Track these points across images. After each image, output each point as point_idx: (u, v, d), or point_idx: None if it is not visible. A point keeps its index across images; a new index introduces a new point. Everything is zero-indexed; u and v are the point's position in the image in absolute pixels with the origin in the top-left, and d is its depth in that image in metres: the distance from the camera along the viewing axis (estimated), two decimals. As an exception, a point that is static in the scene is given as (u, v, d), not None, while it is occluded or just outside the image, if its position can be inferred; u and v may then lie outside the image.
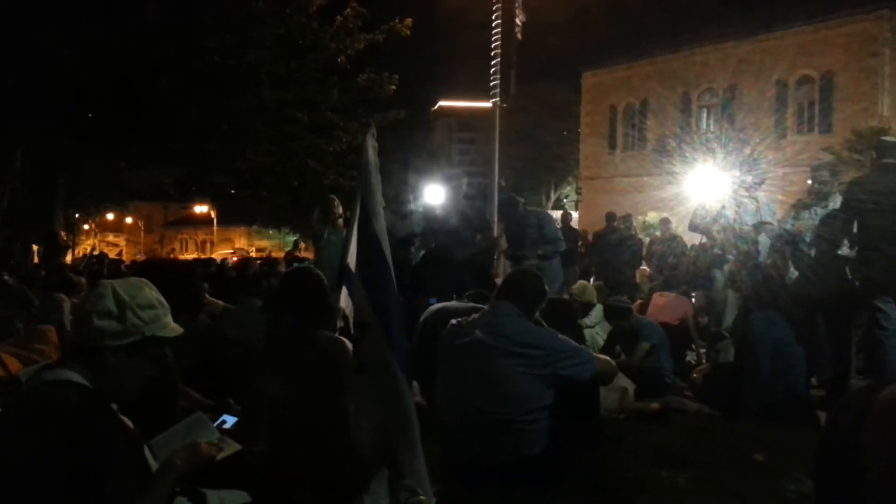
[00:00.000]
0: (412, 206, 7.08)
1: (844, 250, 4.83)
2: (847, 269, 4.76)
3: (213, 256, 29.78)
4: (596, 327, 6.04)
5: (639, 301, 7.22)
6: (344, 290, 2.98)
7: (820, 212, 5.22)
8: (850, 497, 1.34)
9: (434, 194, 17.84)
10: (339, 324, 3.09)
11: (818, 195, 5.36)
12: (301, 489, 2.50)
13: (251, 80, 12.73)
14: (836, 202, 5.12)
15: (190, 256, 36.43)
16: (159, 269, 2.61)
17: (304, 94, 13.53)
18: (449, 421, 3.12)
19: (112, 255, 30.96)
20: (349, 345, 2.76)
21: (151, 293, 1.79)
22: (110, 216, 41.90)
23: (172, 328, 1.80)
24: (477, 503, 2.92)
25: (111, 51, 11.28)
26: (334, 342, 2.80)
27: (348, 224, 2.94)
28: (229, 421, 2.73)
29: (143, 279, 1.84)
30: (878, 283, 4.61)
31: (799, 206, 5.47)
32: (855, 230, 4.67)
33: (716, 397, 4.81)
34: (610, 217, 10.25)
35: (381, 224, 2.61)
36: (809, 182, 5.41)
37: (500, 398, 2.94)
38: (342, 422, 2.61)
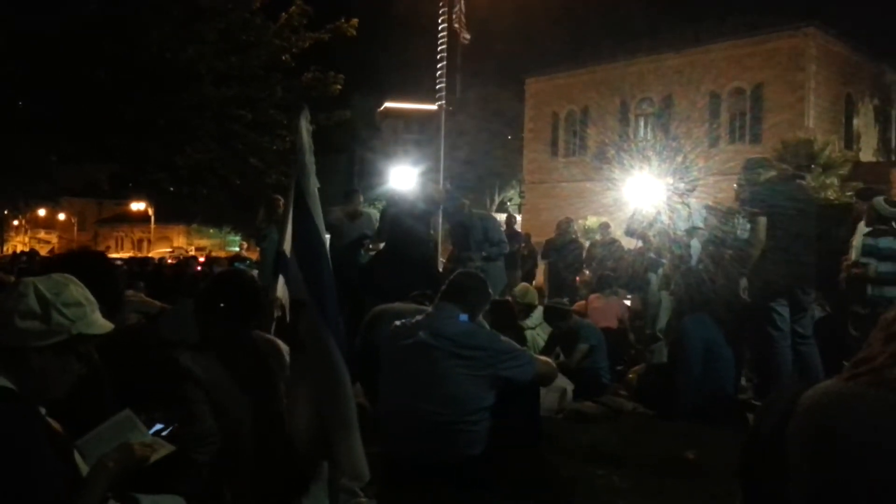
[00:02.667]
0: (362, 208, 7.09)
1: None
2: (746, 271, 4.88)
3: (150, 255, 28.88)
4: (537, 329, 6.14)
5: (578, 302, 7.38)
6: (280, 279, 2.96)
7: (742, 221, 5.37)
8: (775, 497, 1.38)
9: (403, 183, 17.45)
10: (277, 313, 3.08)
11: (743, 200, 5.51)
12: (237, 491, 2.46)
13: (190, 75, 12.40)
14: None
15: (126, 255, 35.17)
16: (68, 263, 2.50)
17: (246, 91, 13.26)
18: (391, 422, 3.13)
19: (44, 252, 29.64)
20: (282, 344, 2.74)
21: (77, 289, 1.73)
22: (41, 212, 40.17)
23: (101, 324, 1.74)
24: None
25: (42, 40, 10.83)
26: (266, 342, 2.77)
27: (284, 210, 2.91)
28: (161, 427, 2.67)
29: (67, 275, 1.77)
30: (775, 285, 4.77)
31: (728, 213, 5.67)
32: (760, 233, 4.77)
33: (650, 397, 4.96)
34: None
35: (315, 204, 2.59)
36: (735, 187, 5.59)
37: (442, 399, 2.97)
38: (277, 422, 2.59)
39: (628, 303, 7.34)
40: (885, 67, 28.03)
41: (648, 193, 12.02)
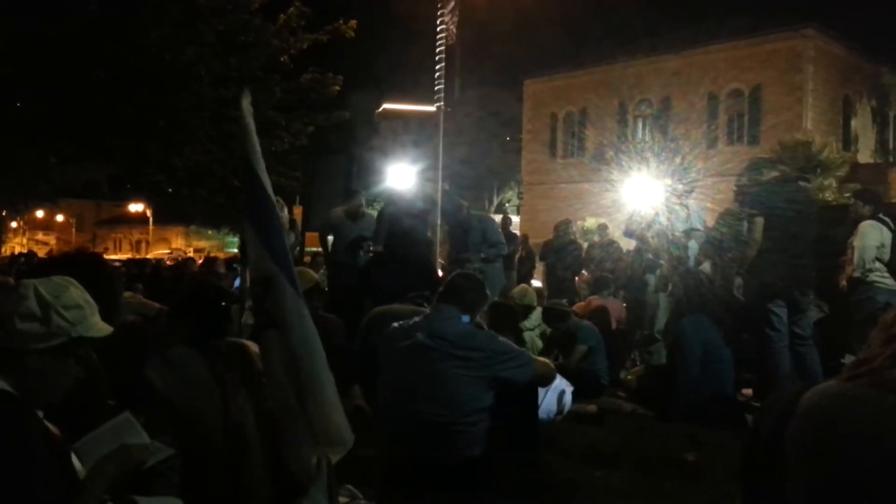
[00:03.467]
0: (364, 209, 7.09)
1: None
2: (743, 270, 4.92)
3: (148, 257, 28.87)
4: (535, 330, 6.14)
5: (578, 304, 7.38)
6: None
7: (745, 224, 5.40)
8: (774, 499, 1.38)
9: (401, 182, 17.38)
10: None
11: (741, 201, 5.54)
12: (215, 496, 2.44)
13: (189, 77, 12.41)
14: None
15: (124, 256, 35.16)
16: (64, 264, 2.56)
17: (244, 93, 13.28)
18: (390, 423, 3.13)
19: (42, 254, 29.62)
20: (253, 347, 2.73)
21: (77, 292, 1.73)
22: (40, 213, 40.23)
23: (100, 328, 1.74)
24: (417, 505, 2.94)
25: (42, 40, 10.83)
26: (237, 348, 2.76)
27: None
28: None
29: (67, 278, 1.77)
30: (773, 286, 4.80)
31: (725, 214, 5.69)
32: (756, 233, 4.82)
33: (649, 398, 4.97)
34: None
35: (265, 179, 2.59)
36: (734, 188, 5.63)
37: (441, 400, 2.97)
38: (253, 427, 2.56)
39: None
40: (883, 69, 28.08)
41: (647, 195, 12.04)
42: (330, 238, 7.02)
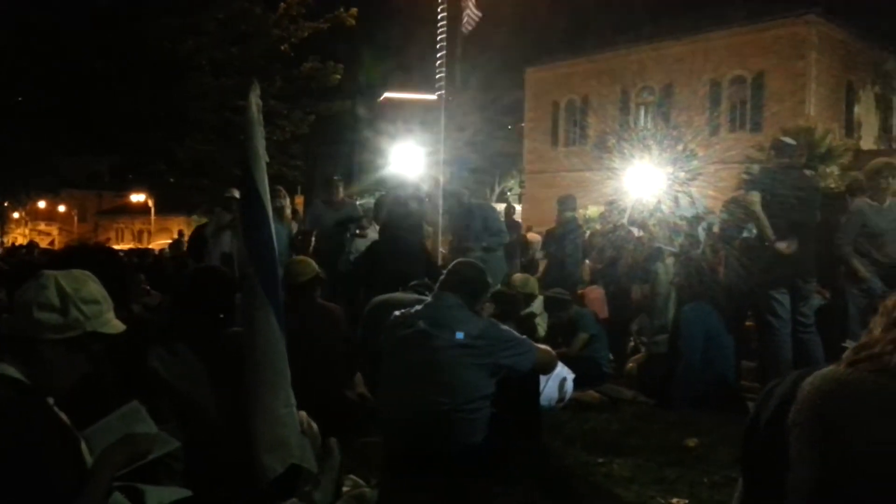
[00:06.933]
0: (343, 197, 7.12)
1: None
2: (744, 258, 4.94)
3: (150, 247, 28.88)
4: (538, 318, 6.15)
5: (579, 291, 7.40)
6: None
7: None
8: (775, 482, 1.38)
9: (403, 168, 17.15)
10: None
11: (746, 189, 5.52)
12: (222, 484, 2.45)
13: (190, 67, 12.40)
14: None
15: (126, 246, 35.18)
16: (79, 256, 2.57)
17: (246, 82, 13.24)
18: (392, 411, 3.15)
19: (44, 244, 29.74)
20: None
21: (96, 287, 1.75)
22: (42, 204, 40.26)
23: (114, 325, 1.76)
24: (418, 492, 2.95)
25: (45, 32, 10.82)
26: (236, 337, 2.75)
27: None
28: None
29: (87, 272, 1.79)
30: (775, 273, 4.81)
31: (730, 202, 5.68)
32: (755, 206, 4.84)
33: (650, 386, 4.98)
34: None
35: (261, 175, 2.55)
36: (745, 176, 5.62)
37: (443, 388, 2.98)
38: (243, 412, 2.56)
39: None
40: (887, 54, 27.86)
41: (649, 182, 12.01)
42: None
